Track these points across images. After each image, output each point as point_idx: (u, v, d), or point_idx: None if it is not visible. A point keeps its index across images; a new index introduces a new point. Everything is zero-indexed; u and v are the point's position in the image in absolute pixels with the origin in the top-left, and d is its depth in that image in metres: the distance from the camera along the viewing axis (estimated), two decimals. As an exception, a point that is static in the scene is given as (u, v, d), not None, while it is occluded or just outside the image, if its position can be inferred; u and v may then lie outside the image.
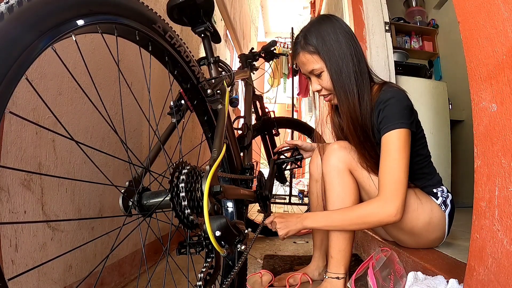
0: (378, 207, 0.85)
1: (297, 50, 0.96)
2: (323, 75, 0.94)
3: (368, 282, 0.87)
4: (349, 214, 0.90)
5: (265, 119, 1.67)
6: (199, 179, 0.57)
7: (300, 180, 4.01)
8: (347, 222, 0.90)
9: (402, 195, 0.83)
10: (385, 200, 0.84)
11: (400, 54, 2.26)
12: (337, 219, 0.91)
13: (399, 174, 0.83)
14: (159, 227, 0.85)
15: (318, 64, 0.92)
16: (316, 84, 0.97)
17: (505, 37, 0.53)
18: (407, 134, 0.85)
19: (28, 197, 0.73)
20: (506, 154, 0.53)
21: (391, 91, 0.90)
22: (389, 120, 0.86)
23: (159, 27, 0.60)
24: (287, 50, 4.55)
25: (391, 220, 0.84)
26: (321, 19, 0.96)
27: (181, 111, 0.77)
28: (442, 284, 0.76)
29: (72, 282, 0.87)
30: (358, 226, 0.91)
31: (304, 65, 0.96)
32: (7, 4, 0.32)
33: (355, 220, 0.88)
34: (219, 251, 0.55)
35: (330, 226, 0.93)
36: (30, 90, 0.72)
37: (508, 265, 0.52)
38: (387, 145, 0.86)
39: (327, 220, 0.92)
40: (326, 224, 0.92)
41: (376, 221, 0.87)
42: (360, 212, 0.88)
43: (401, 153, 0.83)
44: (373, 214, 0.85)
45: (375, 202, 0.86)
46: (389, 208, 0.83)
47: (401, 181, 0.83)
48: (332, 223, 0.92)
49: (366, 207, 0.88)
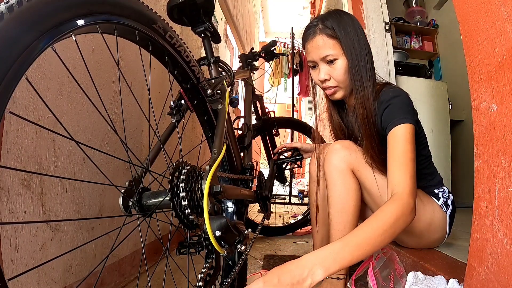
0: (403, 205, 0.70)
1: (312, 34, 0.90)
2: (336, 63, 0.89)
3: (368, 282, 0.87)
4: (375, 229, 0.65)
5: (265, 119, 1.67)
6: (199, 179, 0.57)
7: (300, 180, 4.01)
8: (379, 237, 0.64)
9: (415, 190, 0.75)
10: (407, 193, 0.73)
11: (400, 54, 2.26)
12: (365, 242, 0.63)
13: (411, 166, 0.78)
14: (159, 227, 0.85)
15: (334, 50, 0.88)
16: (324, 73, 0.91)
17: (505, 37, 0.53)
18: (412, 129, 0.83)
19: (28, 197, 0.73)
20: (506, 154, 0.53)
21: (393, 91, 0.90)
22: (394, 116, 0.85)
23: (159, 27, 0.60)
24: (287, 50, 4.55)
25: (413, 216, 0.72)
26: (339, 11, 0.93)
27: (181, 111, 0.77)
28: (442, 284, 0.76)
29: (72, 282, 0.87)
30: (390, 237, 0.67)
31: (318, 49, 0.89)
32: (7, 4, 0.32)
33: (386, 232, 0.66)
34: (219, 251, 0.55)
35: (363, 255, 0.62)
36: (30, 90, 0.72)
37: (508, 265, 0.52)
38: (395, 139, 0.82)
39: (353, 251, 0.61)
40: (353, 255, 0.61)
41: (404, 223, 0.70)
42: (386, 220, 0.67)
43: (410, 146, 0.80)
44: (400, 214, 0.69)
45: (397, 201, 0.71)
46: (411, 202, 0.72)
47: (413, 173, 0.77)
48: (358, 248, 0.62)
49: (391, 211, 0.69)
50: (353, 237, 0.64)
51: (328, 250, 0.61)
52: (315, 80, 0.96)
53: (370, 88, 0.90)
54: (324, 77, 0.91)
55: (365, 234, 0.64)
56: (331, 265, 0.58)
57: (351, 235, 0.65)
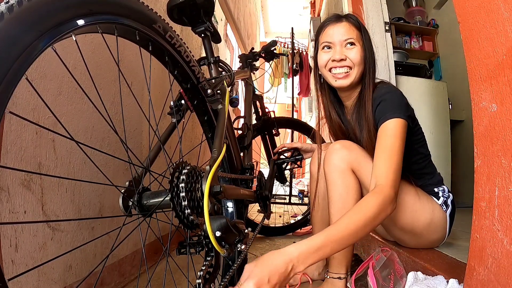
0: (383, 197, 0.74)
1: (338, 19, 0.99)
2: (355, 48, 0.96)
3: (368, 282, 0.87)
4: (356, 221, 0.70)
5: (265, 119, 1.67)
6: (199, 179, 0.57)
7: (300, 180, 4.01)
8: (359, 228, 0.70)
9: (399, 179, 0.80)
10: (388, 186, 0.76)
11: (400, 54, 2.26)
12: (345, 234, 0.68)
13: (396, 159, 0.81)
14: (159, 227, 0.85)
15: (356, 37, 0.96)
16: (340, 53, 0.95)
17: (505, 37, 0.53)
18: (403, 124, 0.85)
19: (28, 197, 0.73)
20: (506, 154, 0.53)
21: (385, 88, 0.94)
22: (385, 111, 0.87)
23: (159, 27, 0.60)
24: (287, 50, 4.55)
25: (393, 208, 0.76)
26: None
27: (181, 111, 0.77)
28: (442, 284, 0.76)
29: (72, 282, 0.87)
30: (371, 227, 0.73)
31: (343, 32, 0.96)
32: (7, 4, 0.32)
33: (367, 223, 0.71)
34: (219, 251, 0.55)
35: (340, 246, 0.68)
36: (30, 90, 0.72)
37: (508, 265, 0.52)
38: (384, 132, 0.85)
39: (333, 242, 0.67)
40: (332, 248, 0.67)
41: (385, 214, 0.75)
42: (367, 211, 0.72)
43: (397, 141, 0.83)
44: (382, 207, 0.73)
45: (377, 193, 0.75)
46: (392, 194, 0.76)
47: (398, 167, 0.80)
48: (340, 243, 0.68)
49: (372, 203, 0.73)
50: (335, 231, 0.68)
51: (310, 243, 0.65)
52: (324, 62, 0.98)
53: (372, 77, 0.96)
54: (340, 56, 0.95)
55: (346, 228, 0.68)
56: (311, 259, 0.64)
57: (333, 228, 0.69)
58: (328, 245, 0.66)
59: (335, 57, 0.95)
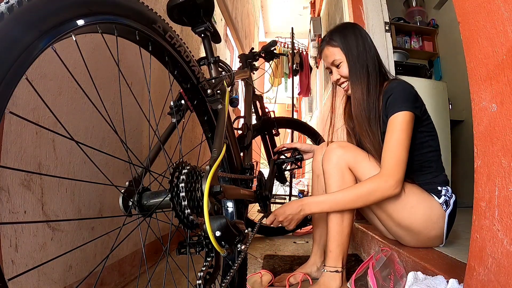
0: (380, 182, 0.91)
1: (323, 46, 1.11)
2: (342, 66, 1.06)
3: (368, 282, 0.87)
4: (352, 192, 0.94)
5: (265, 119, 1.67)
6: (199, 179, 0.57)
7: (300, 180, 4.01)
8: (351, 199, 0.94)
9: (402, 170, 0.91)
10: (387, 174, 0.91)
11: (400, 54, 2.26)
12: (340, 199, 0.95)
13: (400, 152, 0.92)
14: (159, 227, 0.85)
15: (338, 56, 1.06)
16: (336, 74, 1.09)
17: (505, 37, 0.53)
18: (410, 116, 0.94)
19: (28, 197, 0.73)
20: (506, 154, 0.53)
21: (397, 82, 1.02)
22: (394, 104, 0.96)
23: (159, 27, 0.60)
24: (287, 50, 4.55)
25: (391, 192, 0.91)
26: (345, 23, 1.16)
27: (181, 111, 0.76)
28: (442, 284, 0.76)
29: (72, 282, 0.87)
30: (362, 203, 0.95)
31: (327, 57, 1.09)
32: (7, 4, 0.32)
33: (359, 197, 0.93)
34: (219, 251, 0.55)
35: (335, 207, 0.97)
36: (30, 90, 0.72)
37: (508, 265, 0.52)
38: (391, 125, 0.95)
39: (331, 201, 0.96)
40: (330, 206, 0.96)
41: (379, 195, 0.92)
42: (362, 188, 0.94)
43: (403, 133, 0.93)
44: (375, 188, 0.92)
45: (376, 178, 0.93)
46: (390, 181, 0.90)
47: (401, 158, 0.91)
48: (336, 204, 0.96)
49: (369, 183, 0.93)
50: (333, 195, 0.98)
51: (315, 198, 1.01)
52: (333, 82, 1.14)
53: (364, 83, 1.02)
54: (336, 77, 1.10)
55: (343, 196, 0.96)
56: (314, 208, 0.99)
57: (332, 193, 0.99)
58: (327, 203, 0.97)
59: (333, 80, 1.12)
